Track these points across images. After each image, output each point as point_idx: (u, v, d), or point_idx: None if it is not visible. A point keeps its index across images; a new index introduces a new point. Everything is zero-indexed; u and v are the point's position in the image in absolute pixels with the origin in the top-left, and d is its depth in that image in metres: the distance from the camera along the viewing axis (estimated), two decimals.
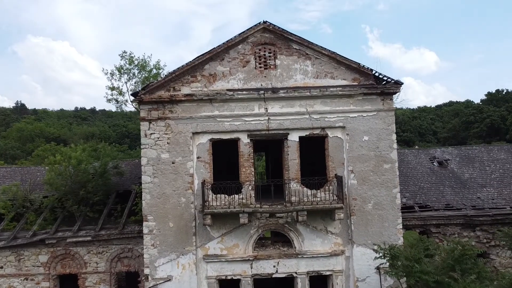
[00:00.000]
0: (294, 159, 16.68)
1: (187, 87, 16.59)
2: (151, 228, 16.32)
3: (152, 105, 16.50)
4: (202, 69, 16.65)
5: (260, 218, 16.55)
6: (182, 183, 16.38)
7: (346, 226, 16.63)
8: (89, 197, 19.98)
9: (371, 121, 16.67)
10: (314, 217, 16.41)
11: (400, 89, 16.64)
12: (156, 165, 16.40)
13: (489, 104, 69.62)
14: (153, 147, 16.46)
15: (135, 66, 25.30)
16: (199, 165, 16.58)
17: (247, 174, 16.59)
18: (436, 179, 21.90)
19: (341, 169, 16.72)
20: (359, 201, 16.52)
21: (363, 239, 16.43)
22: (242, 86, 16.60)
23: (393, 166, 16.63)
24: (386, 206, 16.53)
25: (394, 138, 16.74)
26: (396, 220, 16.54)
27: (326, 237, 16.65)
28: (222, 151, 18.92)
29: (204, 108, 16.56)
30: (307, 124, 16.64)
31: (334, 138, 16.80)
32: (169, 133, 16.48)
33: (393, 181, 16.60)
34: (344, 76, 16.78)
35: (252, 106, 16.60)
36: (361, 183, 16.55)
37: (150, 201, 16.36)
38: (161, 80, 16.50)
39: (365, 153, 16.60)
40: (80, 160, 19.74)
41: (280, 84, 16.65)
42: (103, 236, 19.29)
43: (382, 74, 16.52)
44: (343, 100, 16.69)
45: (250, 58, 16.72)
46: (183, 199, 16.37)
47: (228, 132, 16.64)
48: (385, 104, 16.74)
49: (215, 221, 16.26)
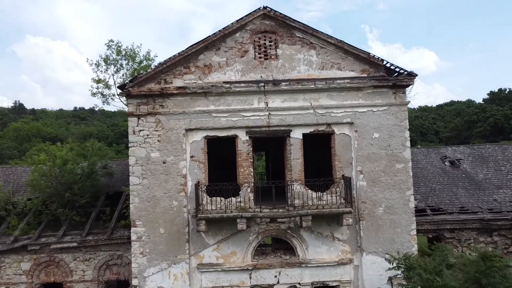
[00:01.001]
0: (297, 159, 14.98)
1: (179, 79, 14.88)
2: (139, 234, 14.61)
3: (141, 99, 14.80)
4: (196, 60, 14.94)
5: (260, 224, 14.86)
6: (174, 184, 14.68)
7: (355, 232, 14.92)
8: (75, 200, 18.30)
9: (382, 116, 14.96)
10: (320, 222, 14.71)
11: (414, 81, 14.93)
12: (145, 165, 14.70)
13: (491, 103, 67.96)
14: (142, 145, 14.75)
15: (122, 57, 23.40)
16: (192, 165, 14.88)
17: (245, 175, 14.88)
18: (449, 180, 20.20)
19: (349, 170, 15.01)
20: (369, 205, 14.81)
21: (374, 247, 14.72)
22: (240, 78, 14.90)
23: (406, 166, 14.92)
24: (398, 210, 14.82)
25: (407, 135, 15.04)
26: (409, 226, 14.83)
27: (333, 244, 14.94)
28: (218, 149, 17.23)
29: (198, 102, 14.86)
30: (312, 120, 14.93)
31: (341, 135, 15.08)
32: (159, 130, 14.78)
33: (406, 183, 14.89)
34: (352, 67, 15.06)
35: (251, 100, 14.89)
36: (371, 184, 14.84)
37: (139, 205, 14.66)
38: (151, 71, 14.78)
39: (375, 152, 14.89)
40: (66, 160, 18.05)
41: (281, 76, 14.95)
42: (90, 242, 17.61)
43: (394, 64, 14.82)
44: (351, 94, 14.98)
45: (249, 47, 15.01)
46: (175, 203, 14.67)
47: (225, 129, 14.94)
48: (397, 98, 15.03)
49: (210, 226, 14.56)
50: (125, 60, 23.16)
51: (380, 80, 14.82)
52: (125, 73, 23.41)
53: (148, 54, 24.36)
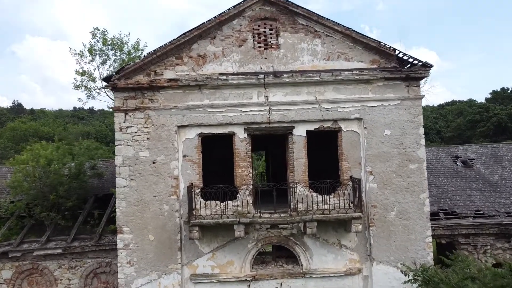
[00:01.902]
0: (301, 158, 13.45)
1: (171, 71, 13.35)
2: (127, 242, 13.08)
3: (128, 92, 13.27)
4: (189, 49, 13.41)
5: (260, 230, 13.33)
6: (164, 187, 13.15)
7: (364, 239, 13.38)
8: (61, 203, 16.76)
9: (393, 111, 13.42)
10: (325, 228, 13.17)
11: (429, 72, 13.39)
12: (133, 165, 13.17)
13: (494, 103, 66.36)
14: (129, 143, 13.23)
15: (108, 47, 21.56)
16: (185, 165, 13.35)
17: (243, 176, 13.35)
18: (462, 181, 18.67)
19: (357, 170, 13.48)
20: (380, 209, 13.28)
21: (385, 255, 13.19)
22: (238, 70, 13.37)
23: (420, 167, 13.38)
24: (412, 215, 13.28)
25: (422, 132, 13.50)
26: (424, 232, 13.29)
27: (340, 253, 13.40)
28: (213, 148, 15.71)
29: (191, 96, 13.33)
30: (316, 116, 13.40)
31: (349, 133, 13.55)
32: (149, 127, 13.25)
33: (420, 185, 13.35)
34: (361, 57, 13.53)
35: (250, 93, 13.36)
36: (382, 187, 13.31)
37: (126, 209, 13.12)
38: (139, 62, 13.24)
39: (386, 151, 13.36)
40: (50, 160, 16.49)
41: (283, 67, 13.42)
42: (76, 248, 16.11)
43: (407, 54, 13.28)
44: (360, 86, 13.45)
45: (248, 36, 13.48)
46: (166, 207, 13.14)
47: (221, 125, 13.41)
48: (410, 91, 13.50)
49: (205, 233, 13.04)
50: (112, 50, 21.38)
51: (392, 71, 13.29)
52: (112, 64, 21.57)
53: (137, 44, 22.58)
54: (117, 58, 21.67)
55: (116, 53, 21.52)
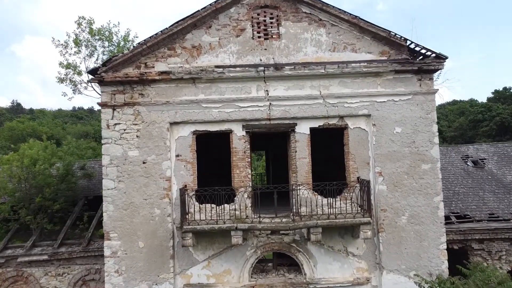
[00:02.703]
0: (304, 158, 12.27)
1: (162, 63, 12.18)
2: (114, 249, 11.90)
3: (116, 86, 12.10)
4: (182, 39, 12.23)
5: (259, 236, 12.15)
6: (156, 189, 11.97)
7: (373, 246, 12.20)
8: (48, 205, 15.59)
9: (404, 107, 12.25)
10: (331, 234, 12.00)
11: (443, 65, 12.20)
12: (121, 166, 12.00)
13: (496, 102, 65.05)
14: (117, 141, 12.05)
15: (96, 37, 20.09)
16: (178, 166, 12.17)
17: (241, 178, 12.17)
18: (473, 183, 17.46)
19: (365, 171, 12.30)
20: (390, 213, 12.09)
21: (395, 263, 12.00)
22: (236, 62, 12.19)
23: (434, 167, 12.20)
24: (425, 220, 12.10)
25: (436, 130, 12.32)
26: (438, 238, 12.11)
27: (346, 261, 12.21)
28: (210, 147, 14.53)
29: (185, 91, 12.16)
30: (321, 112, 12.21)
31: (357, 130, 12.37)
32: (139, 124, 12.08)
33: (434, 187, 12.16)
34: (369, 48, 12.35)
35: (249, 87, 12.19)
36: (392, 189, 12.12)
37: (114, 213, 11.95)
38: (128, 53, 12.06)
39: (397, 150, 12.18)
40: (36, 160, 15.31)
41: (285, 59, 12.24)
42: (63, 254, 14.92)
43: (419, 45, 12.09)
44: (369, 80, 12.27)
45: (246, 25, 12.31)
46: (157, 211, 11.96)
47: (217, 122, 12.23)
48: (423, 85, 12.31)
49: (199, 240, 11.87)
50: (99, 41, 19.87)
51: (403, 63, 12.10)
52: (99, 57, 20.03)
53: (127, 35, 21.12)
54: (106, 50, 20.22)
55: (104, 44, 20.07)
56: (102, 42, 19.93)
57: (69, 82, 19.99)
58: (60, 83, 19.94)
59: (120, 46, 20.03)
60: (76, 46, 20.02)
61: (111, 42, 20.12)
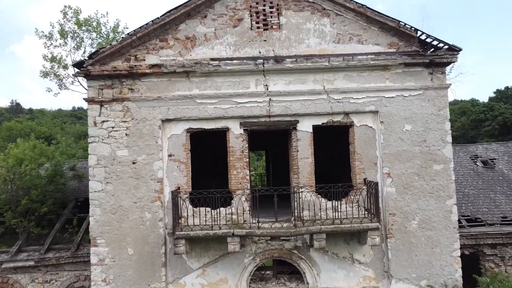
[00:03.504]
0: (306, 158, 11.30)
1: (154, 56, 11.21)
2: (102, 256, 10.94)
3: (104, 80, 11.13)
4: (175, 30, 11.27)
5: (258, 242, 11.18)
6: (146, 191, 11.01)
7: (381, 253, 11.22)
8: (35, 208, 14.64)
9: (415, 103, 11.28)
10: (335, 240, 11.03)
11: (456, 57, 11.22)
12: (109, 166, 11.03)
13: (498, 102, 64.01)
14: (105, 140, 11.08)
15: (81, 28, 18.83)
16: (171, 166, 11.21)
17: (239, 179, 11.20)
18: (483, 184, 16.48)
19: (372, 172, 11.32)
20: (399, 217, 11.12)
21: (405, 272, 11.02)
22: (233, 54, 11.22)
23: (446, 167, 11.23)
24: (437, 224, 11.12)
25: (448, 127, 11.38)
26: (451, 244, 11.13)
27: (352, 268, 11.23)
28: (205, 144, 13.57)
29: (178, 85, 11.20)
30: (325, 108, 11.25)
31: (363, 128, 11.40)
32: (128, 121, 11.12)
33: (446, 189, 11.19)
34: (377, 40, 11.38)
35: (247, 82, 11.23)
36: (402, 191, 11.15)
37: (101, 218, 10.98)
38: (117, 44, 11.09)
39: (407, 149, 11.21)
40: (21, 160, 14.35)
41: (286, 51, 11.27)
42: (50, 260, 13.98)
43: (431, 36, 11.10)
44: (376, 74, 11.30)
45: (244, 14, 11.34)
46: (148, 215, 10.99)
47: (213, 119, 11.27)
48: (434, 80, 11.34)
49: (193, 246, 10.91)
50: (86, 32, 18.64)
51: (414, 56, 11.12)
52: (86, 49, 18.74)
53: (116, 26, 19.93)
54: (94, 42, 19.04)
55: (92, 35, 18.88)
56: (90, 33, 18.72)
57: (54, 76, 18.76)
58: (44, 77, 18.72)
59: (109, 38, 18.83)
60: (61, 37, 18.80)
61: (100, 33, 18.91)
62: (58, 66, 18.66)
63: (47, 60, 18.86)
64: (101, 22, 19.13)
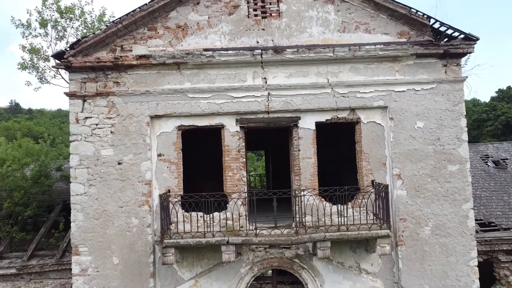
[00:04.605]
0: (309, 158, 10.23)
1: (142, 46, 10.16)
2: (84, 265, 9.89)
3: (87, 73, 10.08)
4: (165, 18, 10.22)
5: (256, 250, 10.12)
6: (133, 195, 9.95)
7: (390, 262, 10.15)
8: (18, 211, 13.58)
9: (427, 98, 10.21)
10: (341, 248, 9.97)
11: (473, 48, 10.15)
12: (93, 167, 9.98)
13: (500, 101, 62.95)
14: (88, 138, 10.03)
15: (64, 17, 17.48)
16: (160, 167, 10.15)
17: (235, 181, 10.14)
18: (496, 185, 15.40)
19: (381, 173, 10.26)
20: (411, 223, 10.05)
21: (417, 283, 9.95)
22: (228, 44, 10.17)
23: (462, 168, 10.16)
24: (452, 231, 10.06)
25: (464, 124, 10.29)
26: (468, 253, 10.06)
27: (359, 279, 10.16)
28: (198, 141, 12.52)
29: (168, 78, 10.14)
30: (329, 103, 10.19)
31: (371, 125, 10.34)
32: (113, 117, 10.07)
33: (463, 192, 10.13)
34: (386, 28, 10.32)
35: (243, 74, 10.17)
36: (413, 194, 10.08)
37: (84, 224, 9.93)
38: (101, 33, 10.03)
39: (419, 148, 10.14)
40: (3, 160, 13.30)
41: (286, 40, 10.21)
42: (34, 268, 12.86)
43: (445, 24, 10.05)
44: (385, 66, 10.24)
45: (240, 1, 10.28)
46: (135, 221, 9.93)
47: (206, 116, 10.22)
48: (449, 72, 10.28)
49: (185, 255, 9.85)
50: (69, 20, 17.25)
51: (426, 45, 10.05)
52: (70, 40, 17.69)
53: (102, 14, 18.63)
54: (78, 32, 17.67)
55: (74, 24, 17.59)
56: (72, 22, 17.41)
57: (33, 69, 17.46)
58: (23, 70, 17.39)
59: (95, 28, 17.62)
60: (42, 27, 17.56)
61: (85, 23, 17.62)
62: (38, 58, 17.39)
63: (26, 51, 17.61)
64: (85, 11, 17.86)
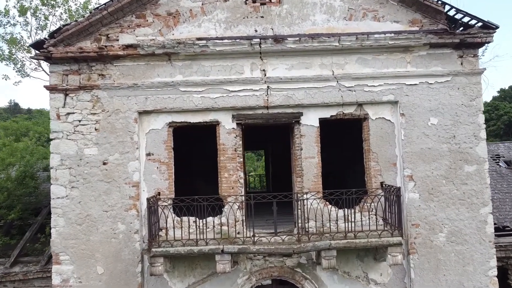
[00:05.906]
0: (312, 157, 9.28)
1: (129, 35, 9.21)
2: (66, 276, 8.93)
3: (69, 64, 9.14)
4: (155, 5, 9.27)
5: (254, 259, 9.17)
6: (119, 198, 9.01)
7: (401, 272, 9.20)
8: (1, 215, 12.67)
9: (442, 92, 9.26)
10: (347, 256, 9.02)
11: (492, 37, 9.20)
12: (75, 168, 9.03)
13: (502, 101, 62.01)
14: (70, 136, 9.09)
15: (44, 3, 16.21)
16: (149, 168, 9.20)
17: (231, 183, 9.19)
18: (509, 187, 14.44)
19: (391, 174, 9.31)
20: (424, 229, 9.09)
21: None
22: (224, 33, 9.22)
23: (480, 169, 9.20)
24: (469, 238, 9.10)
25: (482, 121, 9.35)
26: (487, 262, 9.10)
27: None
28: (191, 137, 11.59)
29: (158, 70, 9.20)
30: (334, 98, 9.24)
31: (379, 122, 9.39)
32: (98, 113, 9.12)
33: (480, 195, 9.17)
34: (396, 16, 9.37)
35: (241, 66, 9.22)
36: (427, 198, 9.13)
37: (65, 230, 8.99)
38: (84, 21, 9.08)
39: (432, 147, 9.18)
40: None
41: (287, 29, 9.26)
42: (17, 275, 11.98)
43: (461, 10, 9.09)
44: (395, 57, 9.29)
45: None
46: (122, 226, 8.98)
47: (200, 111, 9.27)
48: (465, 64, 9.32)
49: (176, 264, 8.91)
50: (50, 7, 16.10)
51: (441, 34, 9.10)
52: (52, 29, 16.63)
53: (87, 1, 17.56)
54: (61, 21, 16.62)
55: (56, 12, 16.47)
56: (54, 9, 16.26)
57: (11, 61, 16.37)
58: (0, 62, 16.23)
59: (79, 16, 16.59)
60: (21, 15, 16.42)
61: (70, 11, 16.54)
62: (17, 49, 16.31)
63: (3, 41, 16.52)
64: None
